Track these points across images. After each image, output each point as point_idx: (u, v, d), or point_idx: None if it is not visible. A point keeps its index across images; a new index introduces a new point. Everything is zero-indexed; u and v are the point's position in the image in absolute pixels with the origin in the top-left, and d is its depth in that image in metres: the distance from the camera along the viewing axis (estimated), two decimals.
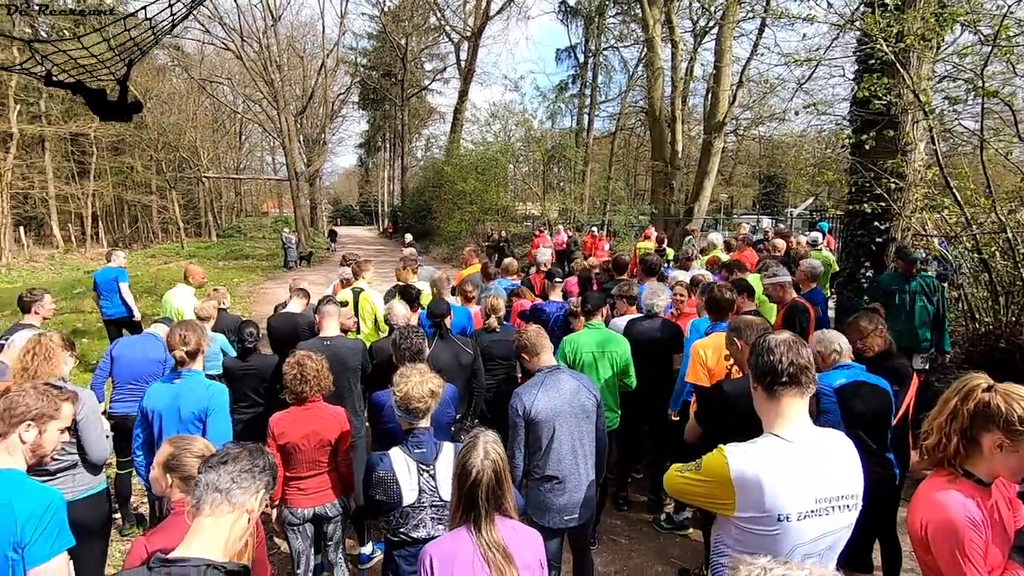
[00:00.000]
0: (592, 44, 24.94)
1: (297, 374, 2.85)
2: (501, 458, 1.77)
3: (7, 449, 1.81)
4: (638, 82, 24.28)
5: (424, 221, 27.24)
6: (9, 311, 11.50)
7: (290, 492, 2.92)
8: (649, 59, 17.67)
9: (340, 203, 63.57)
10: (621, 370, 3.81)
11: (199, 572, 1.34)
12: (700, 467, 1.72)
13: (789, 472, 1.59)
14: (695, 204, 16.06)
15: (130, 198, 31.51)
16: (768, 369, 1.68)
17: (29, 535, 1.69)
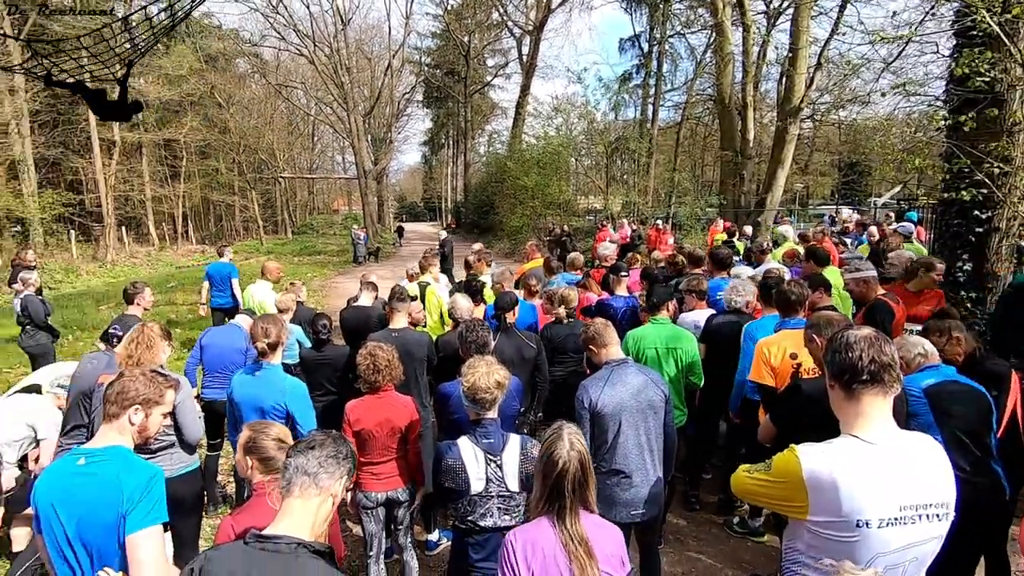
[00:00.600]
0: (657, 32, 24.22)
1: (370, 364, 2.97)
2: (585, 450, 1.78)
3: (118, 429, 2.00)
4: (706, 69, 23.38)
5: (486, 216, 27.52)
6: (114, 302, 12.66)
7: (364, 476, 3.04)
8: (718, 44, 16.96)
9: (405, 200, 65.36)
10: (687, 367, 3.70)
11: (290, 549, 1.42)
12: (771, 467, 1.65)
13: (869, 475, 1.49)
14: (767, 195, 15.29)
15: (215, 198, 33.77)
16: (847, 366, 1.57)
17: (132, 504, 1.84)
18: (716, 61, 17.91)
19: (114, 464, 1.90)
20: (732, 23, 16.42)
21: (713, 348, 3.96)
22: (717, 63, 17.60)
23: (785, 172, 15.49)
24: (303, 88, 33.67)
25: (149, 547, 1.83)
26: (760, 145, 20.09)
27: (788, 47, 14.88)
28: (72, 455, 1.95)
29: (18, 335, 6.69)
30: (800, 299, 3.39)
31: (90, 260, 21.05)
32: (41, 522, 1.89)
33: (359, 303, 5.16)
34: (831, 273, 4.96)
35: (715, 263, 5.34)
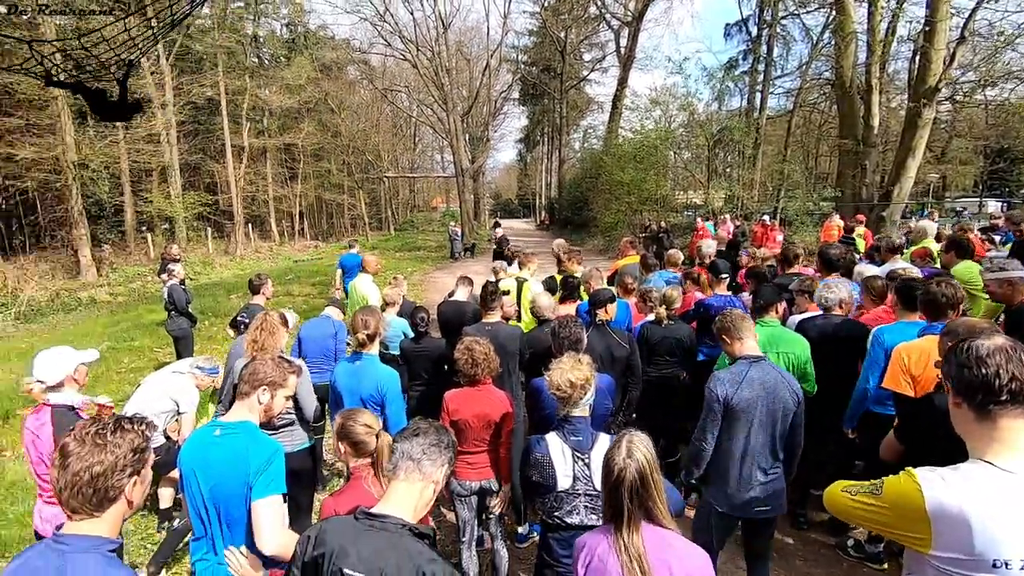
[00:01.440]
0: (768, 14, 22.61)
1: (468, 358, 3.05)
2: (648, 459, 1.67)
3: (248, 406, 2.23)
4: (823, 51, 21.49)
5: (580, 212, 27.31)
6: (241, 292, 14.07)
7: (459, 465, 3.14)
8: (839, 23, 15.53)
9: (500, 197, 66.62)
10: (799, 373, 3.43)
11: (395, 528, 1.51)
12: (881, 492, 1.46)
13: (1009, 508, 1.28)
14: (894, 186, 13.79)
15: (327, 197, 36.42)
16: (980, 383, 1.36)
17: (256, 474, 2.05)
18: (836, 42, 16.41)
19: (243, 438, 2.13)
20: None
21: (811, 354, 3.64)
22: (837, 44, 16.13)
23: (916, 161, 13.88)
24: (406, 91, 35.32)
25: (269, 513, 2.02)
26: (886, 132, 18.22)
27: (924, 20, 13.28)
28: (210, 426, 2.20)
29: (164, 320, 7.64)
30: (952, 301, 3.02)
31: (222, 254, 23.56)
32: (183, 483, 2.16)
33: (455, 298, 5.32)
34: (966, 269, 4.39)
35: (824, 263, 4.88)
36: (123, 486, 1.44)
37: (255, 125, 28.82)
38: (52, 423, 2.63)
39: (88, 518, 1.41)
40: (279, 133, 29.71)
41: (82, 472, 1.38)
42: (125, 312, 12.90)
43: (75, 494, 1.38)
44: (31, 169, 17.29)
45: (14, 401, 6.64)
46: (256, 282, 5.36)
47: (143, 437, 1.51)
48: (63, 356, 2.77)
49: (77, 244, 17.76)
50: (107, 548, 1.41)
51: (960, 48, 12.29)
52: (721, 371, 2.75)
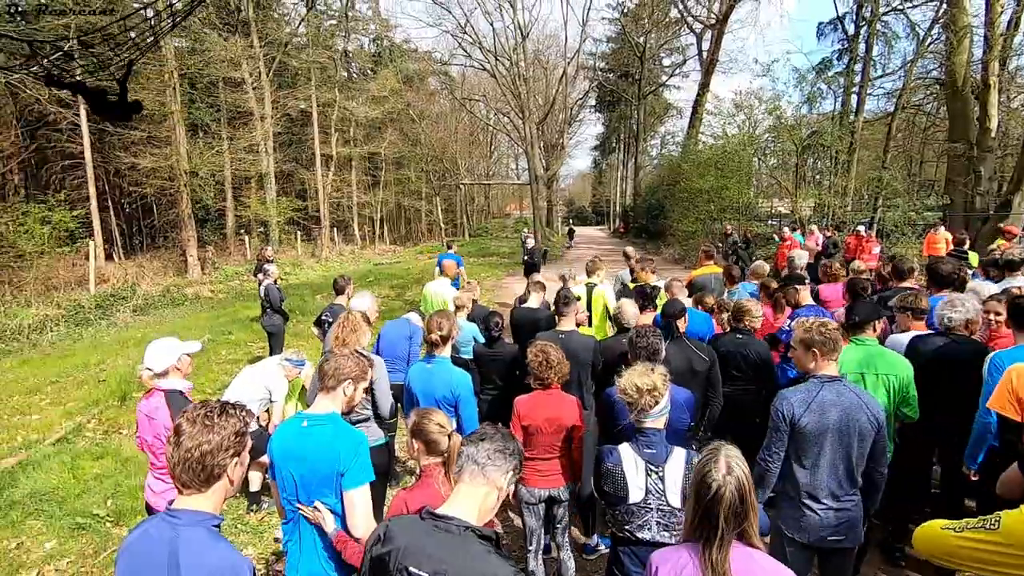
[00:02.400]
0: (867, 9, 21.11)
1: (542, 360, 3.06)
2: (746, 476, 1.60)
3: (332, 399, 2.37)
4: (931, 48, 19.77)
5: (656, 220, 26.67)
6: (326, 292, 14.88)
7: (528, 472, 3.14)
8: (952, 16, 14.25)
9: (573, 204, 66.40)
10: (900, 397, 3.16)
11: (459, 530, 1.53)
12: (998, 527, 1.33)
13: None
14: (1015, 195, 12.42)
15: (406, 204, 37.87)
16: None
17: (347, 464, 2.17)
18: (947, 37, 15.07)
19: (330, 429, 2.26)
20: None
21: (921, 374, 3.31)
22: (948, 39, 14.80)
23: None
24: (484, 100, 36.12)
25: (361, 501, 2.17)
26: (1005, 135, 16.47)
27: None
28: (297, 418, 2.34)
29: (259, 316, 8.22)
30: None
31: (310, 256, 25.05)
32: (274, 471, 2.31)
33: (527, 304, 5.35)
34: None
35: (933, 278, 4.46)
36: (227, 465, 1.57)
37: (342, 135, 30.49)
38: (167, 406, 2.89)
39: (196, 493, 1.55)
40: (364, 142, 31.27)
41: (193, 449, 1.52)
42: (224, 308, 14.00)
43: (186, 469, 1.52)
44: (150, 177, 19.21)
45: (131, 385, 7.38)
46: (340, 283, 5.66)
47: (243, 422, 1.64)
48: (170, 347, 3.03)
49: (186, 245, 19.51)
50: (212, 523, 1.54)
51: None
52: (789, 390, 2.60)
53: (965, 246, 8.38)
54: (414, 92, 33.24)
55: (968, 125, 14.07)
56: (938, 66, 18.53)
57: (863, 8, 20.90)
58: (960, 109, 14.45)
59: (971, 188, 13.82)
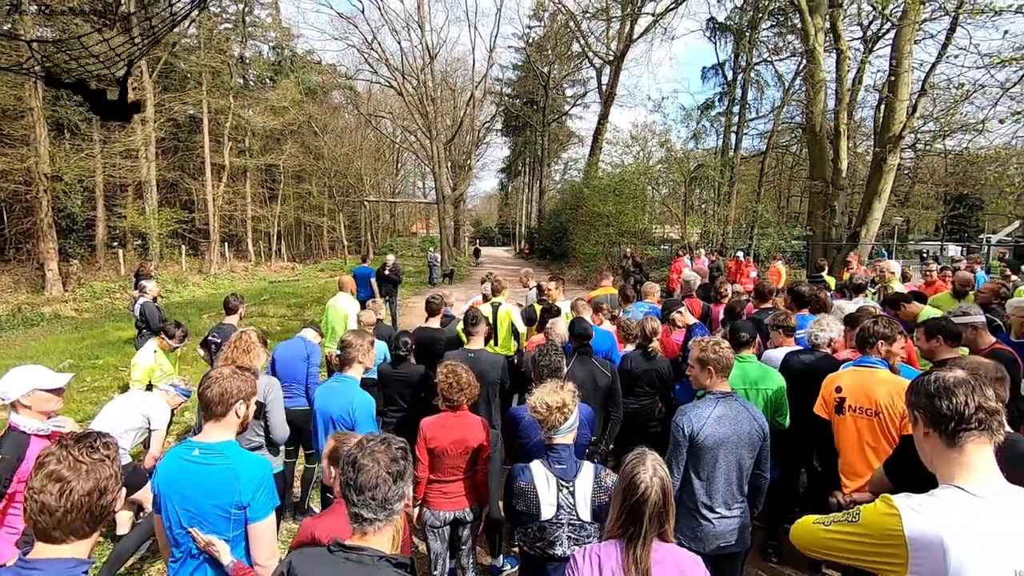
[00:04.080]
0: (743, 59, 23.65)
1: (453, 382, 3.01)
2: (668, 478, 1.73)
3: (225, 426, 2.18)
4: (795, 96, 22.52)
5: (560, 242, 27.61)
6: (215, 311, 13.77)
7: (432, 495, 3.08)
8: (810, 71, 16.31)
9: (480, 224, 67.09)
10: (775, 407, 3.49)
11: (372, 561, 1.47)
12: (858, 519, 1.51)
13: (979, 533, 1.34)
14: (861, 228, 14.32)
15: (306, 219, 36.23)
16: (950, 413, 1.46)
17: (250, 495, 2.02)
18: (806, 88, 17.22)
19: (229, 458, 2.09)
20: (824, 49, 15.77)
21: (793, 388, 3.70)
22: (807, 90, 16.92)
23: (882, 204, 14.48)
24: (391, 118, 35.68)
25: (268, 533, 2.06)
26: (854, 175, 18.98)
27: (888, 72, 14.04)
28: (187, 446, 2.13)
29: (134, 337, 7.42)
30: (875, 336, 3.12)
31: (196, 273, 23.10)
32: (160, 504, 2.10)
33: (427, 324, 5.32)
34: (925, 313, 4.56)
35: (795, 299, 5.02)
36: (114, 504, 1.41)
37: (236, 144, 28.69)
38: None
39: (69, 542, 1.35)
40: (260, 153, 29.62)
41: (90, 494, 1.34)
42: (91, 329, 12.49)
43: (81, 516, 1.34)
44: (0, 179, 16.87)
45: None
46: (232, 302, 5.28)
47: (117, 453, 1.47)
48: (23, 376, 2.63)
49: (44, 257, 17.24)
50: (82, 570, 1.36)
51: (921, 100, 12.99)
52: (688, 405, 2.74)
53: (824, 271, 9.49)
54: (317, 105, 32.14)
55: (825, 166, 16.07)
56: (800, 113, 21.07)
57: (739, 57, 23.39)
58: (818, 151, 16.48)
59: (828, 221, 15.75)
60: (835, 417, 3.13)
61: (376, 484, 1.47)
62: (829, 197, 15.71)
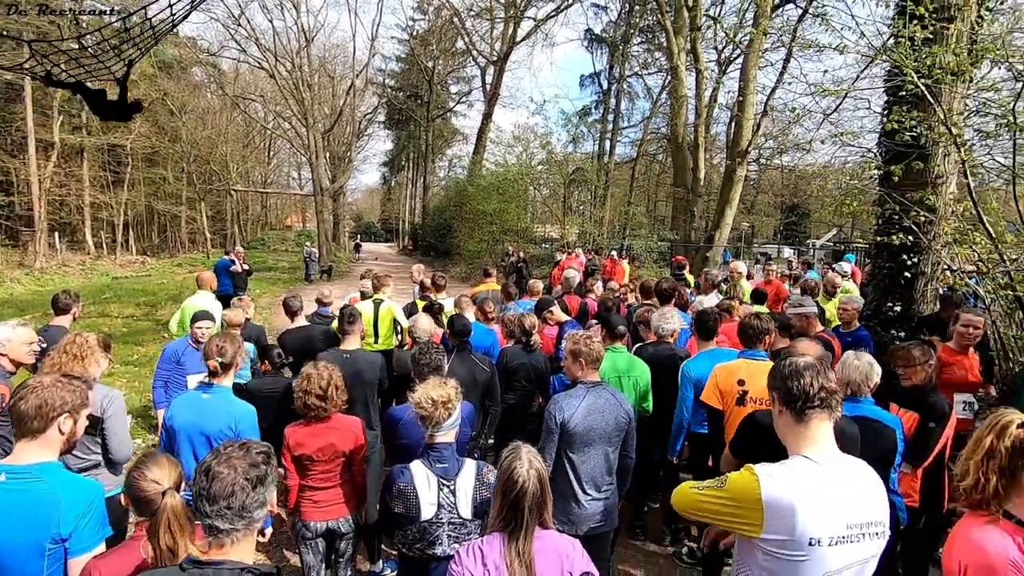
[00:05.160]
0: (616, 71, 25.26)
1: (302, 394, 2.81)
2: (544, 469, 1.78)
3: (43, 444, 1.84)
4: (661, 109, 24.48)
5: (444, 239, 27.49)
6: (40, 312, 11.81)
7: (304, 505, 2.90)
8: (673, 87, 17.82)
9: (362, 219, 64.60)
10: (641, 395, 3.76)
11: (234, 574, 1.35)
12: (725, 484, 1.70)
13: (820, 495, 1.58)
14: (716, 232, 15.96)
15: (160, 208, 32.37)
16: (799, 393, 1.68)
17: (72, 526, 1.74)
18: (671, 102, 18.79)
19: (47, 482, 1.77)
20: (686, 68, 17.32)
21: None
22: (672, 104, 18.46)
23: (733, 211, 16.24)
24: (261, 101, 33.04)
25: None
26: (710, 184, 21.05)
27: (737, 93, 15.77)
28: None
29: None
30: (759, 332, 3.46)
31: (15, 267, 19.66)
32: None
33: (297, 324, 5.01)
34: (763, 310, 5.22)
35: (658, 296, 5.47)
36: None
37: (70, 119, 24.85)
38: None
39: None
40: (102, 131, 25.91)
41: None
42: None
43: None
44: None
45: None
46: (63, 301, 4.53)
47: None
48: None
49: None
50: None
51: (763, 120, 14.77)
52: (561, 395, 2.87)
53: (685, 270, 10.43)
54: (173, 81, 28.81)
55: (686, 174, 17.66)
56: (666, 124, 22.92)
57: (613, 68, 24.90)
58: (681, 161, 18.07)
59: (688, 224, 17.34)
60: (735, 408, 3.23)
61: (232, 492, 1.35)
62: (689, 203, 17.30)
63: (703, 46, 17.27)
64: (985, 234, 5.39)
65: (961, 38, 5.48)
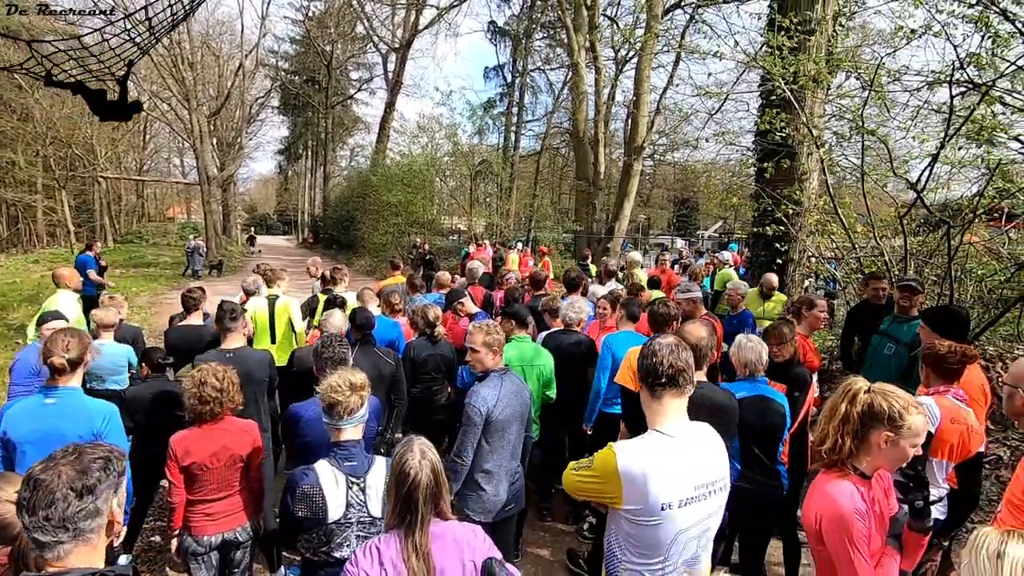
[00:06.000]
0: (519, 64, 25.55)
1: (197, 392, 2.61)
2: (438, 459, 1.75)
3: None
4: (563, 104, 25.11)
5: (347, 232, 26.48)
6: None
7: (195, 519, 2.68)
8: (574, 83, 18.34)
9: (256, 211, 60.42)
10: (545, 383, 3.87)
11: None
12: (592, 464, 1.82)
13: (670, 464, 1.73)
14: (616, 223, 16.72)
15: (10, 197, 28.23)
16: (651, 371, 1.82)
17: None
18: (572, 98, 19.34)
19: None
20: (586, 65, 17.89)
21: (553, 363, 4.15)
22: (573, 99, 19.01)
23: (631, 204, 17.09)
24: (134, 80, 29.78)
25: None
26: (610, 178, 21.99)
27: (633, 92, 16.58)
28: None
29: None
30: (667, 317, 3.65)
31: None
32: None
33: (188, 322, 4.62)
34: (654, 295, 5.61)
35: (567, 284, 5.69)
36: None
37: None
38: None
39: None
40: None
41: None
42: None
43: None
44: None
45: None
46: None
47: None
48: None
49: None
50: None
51: (656, 118, 15.65)
52: (479, 385, 2.88)
53: (588, 260, 10.86)
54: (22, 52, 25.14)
55: (587, 168, 18.30)
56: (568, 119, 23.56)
57: (516, 62, 25.18)
58: (582, 155, 18.69)
59: (590, 217, 18.02)
60: None
61: (52, 502, 1.23)
62: (591, 196, 17.97)
63: (601, 45, 17.94)
64: (840, 225, 6.12)
65: (820, 49, 6.14)
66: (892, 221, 6.47)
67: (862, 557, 1.69)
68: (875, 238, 5.89)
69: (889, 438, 1.73)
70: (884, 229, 6.40)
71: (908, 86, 5.69)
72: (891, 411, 1.72)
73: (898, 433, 1.72)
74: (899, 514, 1.87)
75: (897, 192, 6.95)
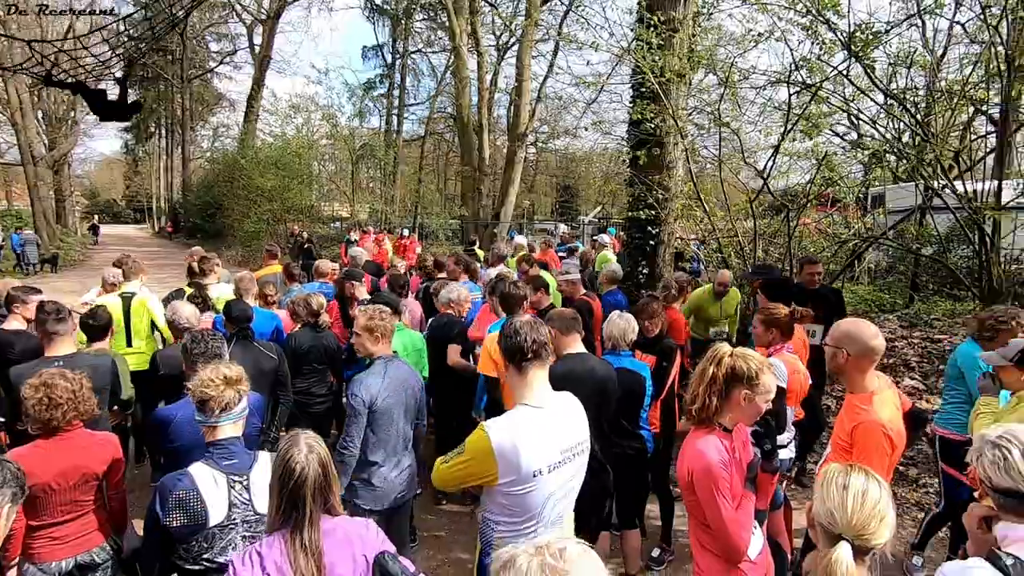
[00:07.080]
0: (400, 46, 24.80)
1: (43, 397, 2.27)
2: (326, 452, 1.68)
3: None
4: (446, 88, 24.85)
5: (214, 219, 24.23)
6: None
7: (37, 547, 2.33)
8: (456, 67, 18.22)
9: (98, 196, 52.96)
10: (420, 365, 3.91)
11: None
12: (464, 450, 1.90)
13: (538, 434, 1.86)
14: (501, 209, 17.01)
15: None
16: (517, 348, 1.94)
17: None
18: (455, 82, 19.20)
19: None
20: (468, 50, 17.84)
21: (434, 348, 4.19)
22: (456, 84, 18.89)
23: (515, 190, 17.47)
24: None
25: None
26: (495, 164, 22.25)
27: (515, 79, 16.85)
28: None
29: None
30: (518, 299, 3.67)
31: None
32: None
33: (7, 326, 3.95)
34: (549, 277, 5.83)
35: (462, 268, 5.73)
36: None
37: None
38: None
39: None
40: None
41: None
42: None
43: None
44: None
45: None
46: None
47: None
48: None
49: None
50: None
51: (538, 106, 16.08)
52: (363, 374, 2.81)
53: (475, 245, 10.95)
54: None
55: (472, 154, 18.36)
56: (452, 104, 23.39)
57: (396, 43, 24.42)
58: (467, 141, 18.69)
59: (477, 202, 18.14)
60: None
61: None
62: (476, 181, 18.07)
63: (483, 30, 17.98)
64: (702, 210, 6.75)
65: (683, 47, 6.66)
66: (744, 206, 7.27)
67: (726, 500, 1.92)
68: (731, 221, 6.59)
69: (748, 395, 1.96)
70: (738, 213, 7.17)
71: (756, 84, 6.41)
72: (749, 371, 1.95)
73: (755, 391, 1.96)
74: (754, 460, 2.14)
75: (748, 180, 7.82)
